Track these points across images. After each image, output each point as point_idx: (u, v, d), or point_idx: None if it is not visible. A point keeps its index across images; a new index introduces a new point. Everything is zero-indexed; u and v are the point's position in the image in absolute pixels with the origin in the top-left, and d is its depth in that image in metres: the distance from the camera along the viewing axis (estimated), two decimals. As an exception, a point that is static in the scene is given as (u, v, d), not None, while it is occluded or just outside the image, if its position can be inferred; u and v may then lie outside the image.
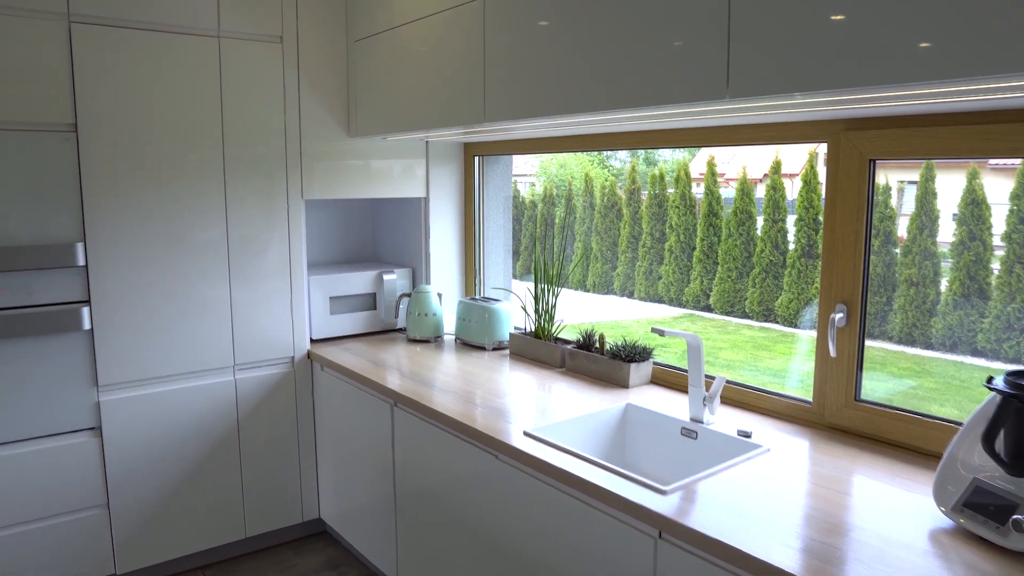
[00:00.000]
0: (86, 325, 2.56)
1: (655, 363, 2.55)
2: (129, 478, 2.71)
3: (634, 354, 2.50)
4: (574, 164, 5.92)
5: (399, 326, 3.35)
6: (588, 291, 5.53)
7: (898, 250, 3.23)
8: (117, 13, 2.52)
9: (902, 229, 3.18)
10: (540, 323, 2.88)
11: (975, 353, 3.09)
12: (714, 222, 4.58)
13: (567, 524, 1.84)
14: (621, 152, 5.55)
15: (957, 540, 1.45)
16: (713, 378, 2.21)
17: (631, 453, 2.29)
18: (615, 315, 5.32)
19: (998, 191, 2.86)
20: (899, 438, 1.93)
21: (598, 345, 2.65)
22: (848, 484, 1.72)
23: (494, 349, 3.01)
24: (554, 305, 2.87)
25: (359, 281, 3.23)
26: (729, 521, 1.53)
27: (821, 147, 2.13)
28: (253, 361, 2.94)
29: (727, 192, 4.54)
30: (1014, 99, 1.52)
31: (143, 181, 2.63)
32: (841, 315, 2.00)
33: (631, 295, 5.24)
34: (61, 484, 2.59)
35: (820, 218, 3.70)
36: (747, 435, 2.00)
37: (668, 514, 1.57)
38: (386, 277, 3.27)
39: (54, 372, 2.54)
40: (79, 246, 2.52)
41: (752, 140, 2.21)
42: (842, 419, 2.05)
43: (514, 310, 3.09)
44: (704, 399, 2.10)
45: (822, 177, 2.03)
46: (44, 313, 2.48)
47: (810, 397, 2.14)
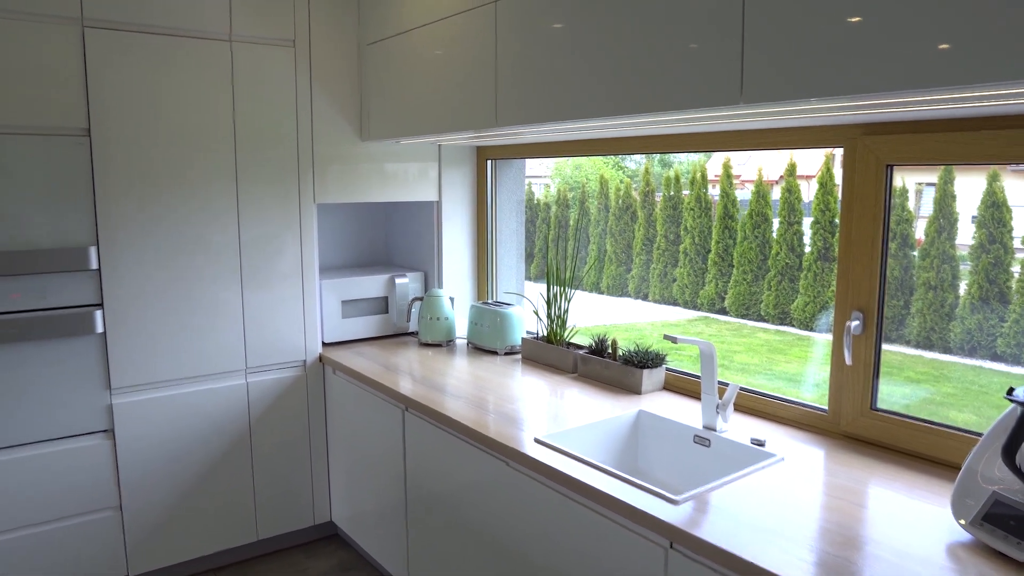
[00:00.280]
0: (99, 328, 2.57)
1: (668, 369, 2.53)
2: (141, 480, 2.72)
3: (647, 360, 2.48)
4: (589, 166, 5.89)
5: (411, 330, 3.35)
6: (602, 293, 5.51)
7: (916, 253, 3.19)
8: (130, 18, 2.52)
9: (920, 232, 3.14)
10: (552, 328, 2.86)
11: (994, 358, 3.05)
12: (729, 224, 4.54)
13: (577, 532, 1.82)
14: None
15: (975, 555, 1.42)
16: (727, 385, 2.19)
17: (643, 460, 2.27)
18: (629, 317, 5.29)
19: (1019, 193, 2.81)
20: (916, 448, 1.90)
21: (610, 350, 2.63)
22: (864, 495, 1.69)
23: (506, 354, 2.99)
24: (566, 310, 2.85)
25: (371, 285, 3.23)
26: (741, 532, 1.51)
27: (837, 149, 2.10)
28: (265, 364, 2.94)
29: (743, 194, 4.50)
30: (1035, 104, 1.49)
31: (155, 185, 2.64)
32: (857, 322, 1.97)
33: (645, 297, 5.22)
34: (74, 486, 2.60)
35: (836, 221, 3.66)
36: (761, 443, 1.97)
37: (679, 524, 1.55)
38: (398, 281, 3.26)
39: (67, 375, 2.55)
40: (92, 250, 2.53)
41: (767, 145, 2.18)
42: (858, 428, 2.02)
43: (526, 314, 3.07)
44: (717, 407, 2.07)
45: (839, 179, 2.00)
46: (57, 316, 2.49)
47: (825, 404, 2.11)
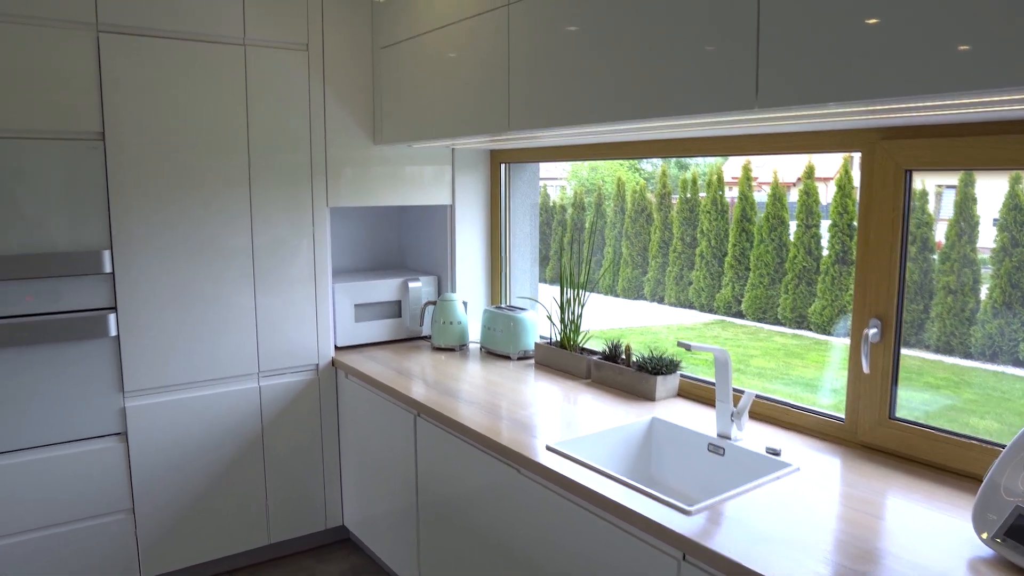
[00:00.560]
0: (112, 331, 2.58)
1: (682, 375, 2.50)
2: (154, 483, 2.73)
3: (661, 366, 2.45)
4: (605, 168, 5.87)
5: (424, 334, 3.33)
6: (618, 296, 5.48)
7: (936, 256, 3.14)
8: (144, 22, 2.53)
9: (940, 235, 3.09)
10: (566, 333, 2.84)
11: (1017, 363, 3.00)
12: (746, 227, 4.50)
13: (589, 541, 1.79)
14: (651, 156, 5.48)
15: (997, 571, 1.39)
16: (742, 392, 2.16)
17: (657, 469, 2.24)
18: (645, 321, 5.26)
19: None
20: (936, 459, 1.86)
21: (624, 356, 2.60)
22: (881, 507, 1.65)
23: (519, 359, 2.98)
24: (580, 315, 2.83)
25: (384, 289, 3.22)
26: (756, 544, 1.48)
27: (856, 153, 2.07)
28: (277, 368, 2.94)
29: (759, 196, 4.46)
30: (1060, 108, 1.45)
31: (169, 189, 2.64)
32: (875, 330, 1.94)
33: (661, 300, 5.19)
34: (87, 489, 2.61)
35: (855, 223, 3.62)
36: (776, 453, 1.94)
37: (692, 536, 1.52)
38: (411, 285, 3.25)
39: (81, 378, 2.56)
40: (106, 253, 2.54)
41: (783, 149, 2.15)
42: (876, 438, 1.98)
43: (540, 319, 3.05)
44: (732, 415, 2.05)
45: (857, 181, 1.96)
46: (71, 319, 2.50)
47: (843, 412, 2.07)
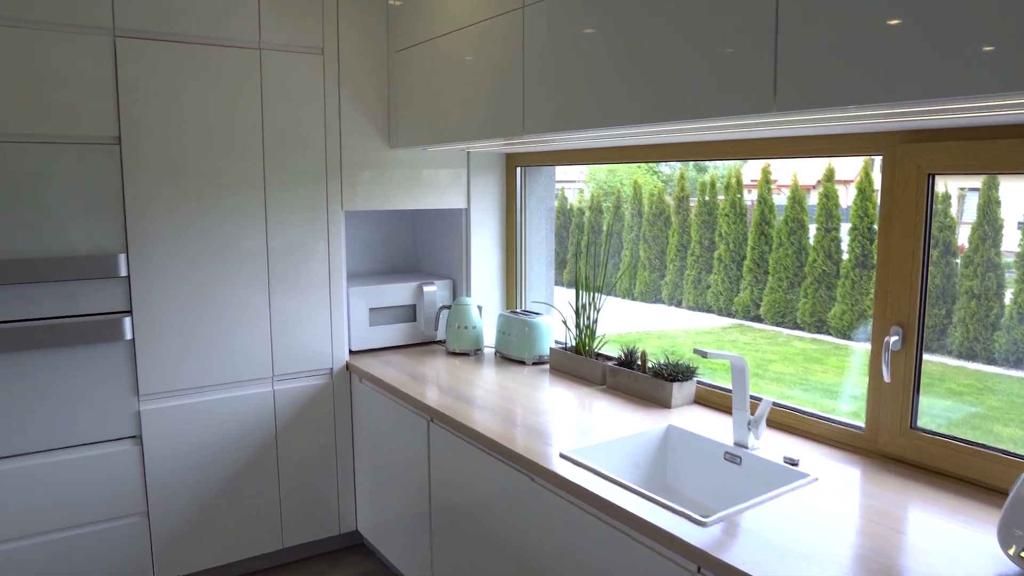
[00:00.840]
0: (128, 335, 2.58)
1: (699, 382, 2.46)
2: (168, 487, 2.73)
3: (677, 373, 2.42)
4: (623, 170, 5.84)
5: (439, 338, 3.32)
6: (635, 299, 5.44)
7: (958, 260, 3.08)
8: (161, 27, 2.54)
9: (963, 238, 3.04)
10: (581, 338, 2.81)
11: (1042, 370, 2.95)
12: (765, 230, 4.46)
13: (602, 551, 1.77)
14: (669, 159, 5.45)
15: (1022, 588, 1.35)
16: (759, 399, 2.12)
17: (672, 477, 2.21)
18: (662, 324, 5.22)
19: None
20: (959, 470, 1.82)
21: (640, 362, 2.57)
22: (902, 520, 1.61)
23: (534, 364, 2.95)
24: (595, 320, 2.80)
25: (399, 292, 3.21)
26: (772, 557, 1.44)
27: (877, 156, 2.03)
28: (292, 372, 2.94)
29: (779, 199, 4.41)
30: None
31: (184, 192, 2.65)
32: (896, 338, 1.89)
33: (679, 304, 5.14)
34: (102, 492, 2.61)
35: (875, 227, 3.57)
36: (794, 463, 1.91)
37: (707, 548, 1.49)
38: (426, 289, 3.24)
39: (96, 381, 2.57)
40: (121, 257, 2.54)
41: (802, 153, 2.11)
42: (896, 448, 1.94)
43: (555, 324, 3.03)
44: (749, 423, 2.01)
45: (878, 184, 1.92)
46: (87, 323, 2.51)
47: (863, 421, 2.03)
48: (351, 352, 3.12)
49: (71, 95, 2.43)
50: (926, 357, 1.91)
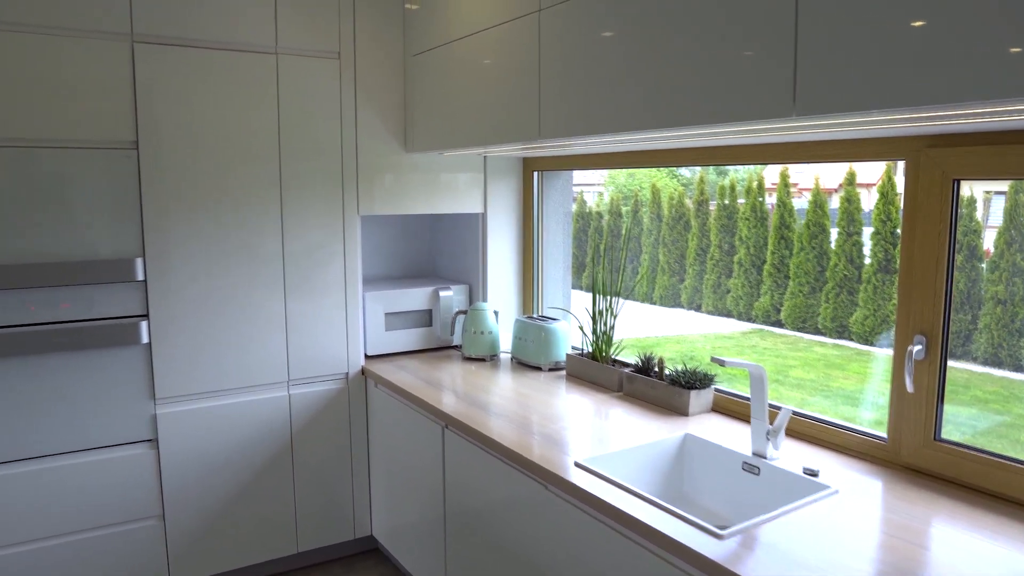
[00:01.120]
0: (144, 339, 2.59)
1: (717, 390, 2.43)
2: (184, 490, 2.73)
3: (695, 380, 2.38)
4: (643, 174, 5.80)
5: (455, 343, 3.30)
6: (655, 304, 5.40)
7: (984, 265, 3.03)
8: (179, 32, 2.54)
9: (988, 242, 2.98)
10: (598, 344, 2.78)
11: (1070, 378, 2.89)
12: (785, 234, 4.40)
13: (618, 562, 1.74)
14: (688, 162, 5.40)
15: (1050, 608, 1.31)
16: (778, 408, 2.08)
17: (689, 487, 2.17)
18: (681, 329, 5.18)
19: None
20: (985, 484, 1.77)
21: (657, 369, 2.54)
22: (925, 535, 1.57)
23: (550, 370, 2.93)
24: (612, 326, 2.77)
25: (415, 297, 3.20)
26: (790, 572, 1.41)
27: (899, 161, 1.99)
28: (307, 376, 2.93)
29: (799, 203, 4.36)
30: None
31: (201, 197, 2.65)
32: (920, 347, 1.85)
33: (698, 309, 5.10)
34: (118, 495, 2.62)
35: (898, 231, 3.51)
36: (814, 474, 1.87)
37: (723, 562, 1.46)
38: (442, 294, 3.23)
39: (113, 384, 2.58)
40: (139, 261, 2.55)
41: (823, 157, 2.07)
42: (920, 459, 1.89)
43: (572, 330, 3.00)
44: (767, 432, 1.97)
45: (900, 188, 1.88)
46: (104, 326, 2.52)
47: (885, 430, 1.99)
48: (367, 357, 3.12)
49: (89, 100, 2.44)
50: (951, 364, 1.86)
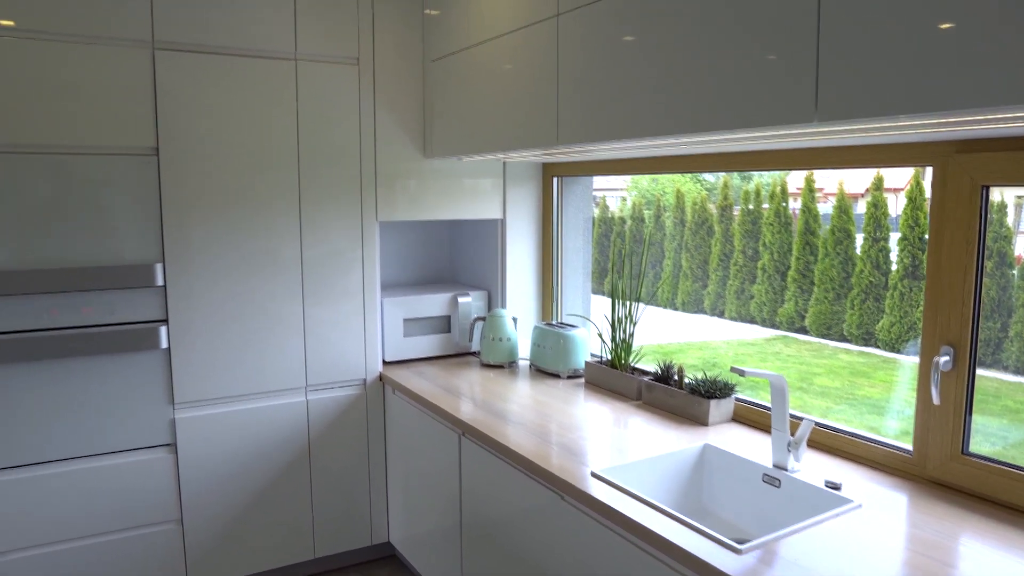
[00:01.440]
0: (163, 344, 2.60)
1: (737, 399, 2.38)
2: (202, 495, 2.74)
3: (715, 389, 2.34)
4: (666, 178, 5.76)
5: (473, 350, 3.29)
6: (677, 310, 5.35)
7: (1015, 272, 2.96)
8: (199, 39, 2.56)
9: (1020, 248, 2.91)
10: (617, 352, 2.75)
11: (1104, 388, 2.80)
12: (810, 240, 4.34)
13: (633, 575, 1.71)
14: (711, 167, 5.35)
15: (1084, 632, 1.26)
16: (800, 419, 2.04)
17: (708, 499, 2.14)
18: (704, 335, 5.13)
19: None
20: (1014, 499, 1.71)
21: (676, 378, 2.50)
22: (952, 552, 1.52)
23: (569, 377, 2.90)
24: (632, 334, 2.73)
25: (434, 303, 3.18)
26: (811, 592, 1.37)
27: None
28: (325, 382, 2.93)
29: (824, 208, 4.29)
30: None
31: (220, 202, 2.66)
32: (947, 358, 1.80)
33: (721, 314, 5.04)
34: (136, 498, 2.63)
35: (926, 236, 3.44)
36: (836, 487, 1.82)
37: (742, 578, 1.42)
38: (461, 300, 3.21)
39: (132, 389, 2.59)
40: (158, 266, 2.56)
41: (848, 163, 2.03)
42: (946, 474, 1.84)
43: (591, 337, 2.97)
44: (789, 444, 1.93)
45: (929, 193, 1.83)
46: (124, 331, 2.53)
47: (911, 443, 1.94)
48: (385, 363, 3.11)
49: (110, 107, 2.46)
50: (980, 372, 1.81)
